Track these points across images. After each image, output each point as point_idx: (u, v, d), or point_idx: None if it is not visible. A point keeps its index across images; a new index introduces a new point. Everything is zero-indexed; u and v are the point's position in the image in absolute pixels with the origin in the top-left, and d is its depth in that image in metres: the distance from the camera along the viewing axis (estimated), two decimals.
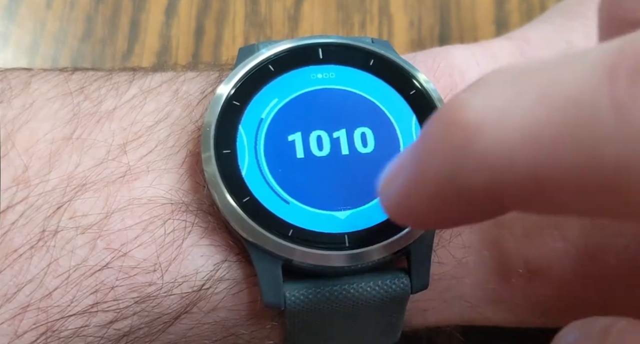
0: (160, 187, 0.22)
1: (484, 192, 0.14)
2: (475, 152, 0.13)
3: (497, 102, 0.13)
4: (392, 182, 0.16)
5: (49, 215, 0.21)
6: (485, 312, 0.26)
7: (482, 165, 0.13)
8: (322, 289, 0.22)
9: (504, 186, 0.13)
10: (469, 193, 0.14)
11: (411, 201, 0.15)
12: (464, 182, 0.14)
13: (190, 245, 0.22)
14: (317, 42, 0.24)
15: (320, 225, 0.22)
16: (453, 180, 0.14)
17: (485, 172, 0.13)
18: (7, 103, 0.23)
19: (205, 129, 0.22)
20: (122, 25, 0.37)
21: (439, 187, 0.14)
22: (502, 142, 0.13)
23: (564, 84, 0.12)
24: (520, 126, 0.13)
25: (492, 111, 0.13)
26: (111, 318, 0.21)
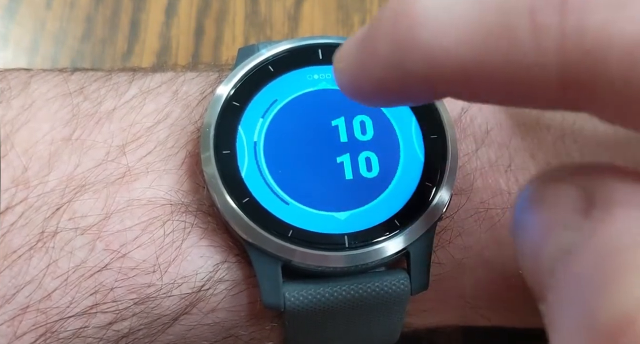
0: (160, 188, 0.22)
1: (421, 78, 0.15)
2: (416, 42, 0.15)
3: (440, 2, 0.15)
4: (344, 59, 0.17)
5: (48, 216, 0.21)
6: (485, 312, 0.26)
7: (421, 54, 0.15)
8: (321, 290, 0.22)
9: (439, 75, 0.15)
10: (408, 78, 0.15)
11: (360, 81, 0.17)
12: (405, 68, 0.15)
13: (190, 246, 0.22)
14: (317, 43, 0.24)
15: (319, 226, 0.22)
16: (396, 65, 0.15)
17: (423, 61, 0.15)
18: (6, 103, 0.23)
19: (205, 129, 0.22)
20: (122, 25, 0.37)
21: (383, 70, 0.16)
22: (441, 36, 0.14)
23: None
24: (456, 24, 0.14)
25: (435, 6, 0.15)
26: (110, 319, 0.21)
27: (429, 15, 0.15)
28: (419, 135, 0.23)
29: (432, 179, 0.23)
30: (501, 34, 0.14)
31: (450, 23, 0.14)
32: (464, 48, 0.14)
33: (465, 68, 0.14)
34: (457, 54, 0.14)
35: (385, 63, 0.16)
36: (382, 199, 0.22)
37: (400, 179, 0.23)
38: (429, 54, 0.15)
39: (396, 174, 0.23)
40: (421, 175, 0.23)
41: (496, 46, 0.14)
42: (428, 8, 0.15)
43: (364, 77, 0.16)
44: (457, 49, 0.14)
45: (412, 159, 0.23)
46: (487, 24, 0.14)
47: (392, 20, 0.15)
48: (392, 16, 0.15)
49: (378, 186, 0.22)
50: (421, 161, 0.23)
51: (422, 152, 0.23)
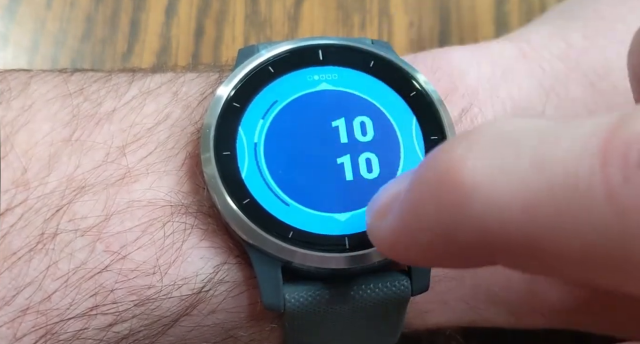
0: (160, 190, 0.22)
1: (475, 249, 0.14)
2: (469, 213, 0.14)
3: (491, 165, 0.13)
4: (382, 218, 0.16)
5: (48, 218, 0.21)
6: (486, 313, 0.26)
7: (475, 226, 0.14)
8: (322, 291, 0.22)
9: (495, 246, 0.14)
10: (460, 248, 0.14)
11: (403, 244, 0.16)
12: (456, 238, 0.14)
13: (190, 247, 0.22)
14: (317, 44, 0.24)
15: (320, 227, 0.22)
16: (446, 235, 0.14)
17: (477, 233, 0.14)
18: (6, 104, 0.22)
19: (205, 130, 0.22)
20: (122, 25, 0.37)
21: (431, 238, 0.15)
22: (496, 206, 0.13)
23: (559, 157, 0.13)
24: (514, 194, 0.13)
25: (486, 173, 0.13)
26: (110, 321, 0.21)
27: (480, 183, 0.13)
28: (420, 136, 0.23)
29: None
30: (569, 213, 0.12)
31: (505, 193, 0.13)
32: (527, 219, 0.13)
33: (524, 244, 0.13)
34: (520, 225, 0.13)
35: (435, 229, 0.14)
36: None
37: None
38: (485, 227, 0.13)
39: (397, 175, 0.23)
40: None
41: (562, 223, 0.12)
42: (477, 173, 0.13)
43: (409, 240, 0.15)
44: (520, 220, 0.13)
45: (412, 160, 0.23)
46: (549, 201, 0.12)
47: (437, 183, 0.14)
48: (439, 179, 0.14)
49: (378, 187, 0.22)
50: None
51: (422, 153, 0.23)
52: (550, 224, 0.13)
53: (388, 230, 0.16)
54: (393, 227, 0.16)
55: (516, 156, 0.13)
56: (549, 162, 0.13)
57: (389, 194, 0.16)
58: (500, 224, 0.13)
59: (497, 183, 0.13)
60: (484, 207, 0.13)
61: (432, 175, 0.15)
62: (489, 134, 0.14)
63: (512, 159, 0.13)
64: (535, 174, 0.13)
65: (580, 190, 0.12)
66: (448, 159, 0.14)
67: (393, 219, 0.16)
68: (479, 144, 0.14)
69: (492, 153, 0.14)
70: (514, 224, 0.13)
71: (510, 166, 0.13)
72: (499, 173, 0.13)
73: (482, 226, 0.13)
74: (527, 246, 0.13)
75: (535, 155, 0.13)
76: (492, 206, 0.13)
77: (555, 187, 0.13)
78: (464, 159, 0.14)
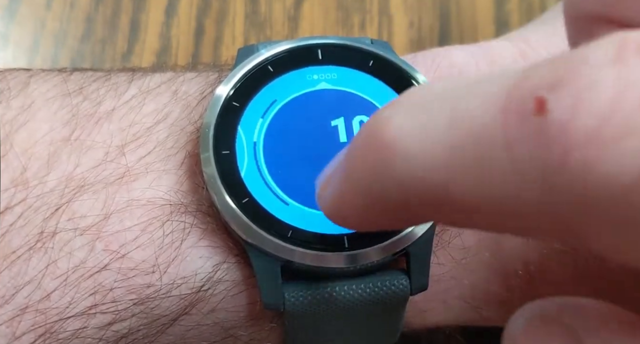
0: (159, 189, 0.22)
1: (400, 204, 0.15)
2: (391, 169, 0.14)
3: (413, 125, 0.14)
4: (325, 188, 0.17)
5: (47, 216, 0.21)
6: (485, 313, 0.26)
7: (396, 181, 0.14)
8: (321, 290, 0.22)
9: (417, 201, 0.14)
10: (391, 207, 0.15)
11: (341, 208, 0.16)
12: (385, 197, 0.15)
13: (189, 246, 0.22)
14: (316, 43, 0.24)
15: (319, 226, 0.22)
16: (373, 192, 0.15)
17: (399, 188, 0.14)
18: (5, 104, 0.22)
19: (204, 130, 0.22)
20: (122, 25, 0.37)
21: (362, 198, 0.15)
22: (414, 163, 0.14)
23: (469, 114, 0.13)
24: (432, 151, 0.14)
25: (407, 132, 0.14)
26: (110, 320, 0.21)
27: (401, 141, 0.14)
28: None
29: None
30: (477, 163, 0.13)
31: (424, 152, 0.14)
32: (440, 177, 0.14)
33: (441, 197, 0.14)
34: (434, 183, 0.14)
35: (364, 192, 0.15)
36: None
37: None
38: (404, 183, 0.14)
39: None
40: None
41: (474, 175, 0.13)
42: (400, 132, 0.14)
43: (345, 205, 0.16)
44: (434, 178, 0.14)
45: None
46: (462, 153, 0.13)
47: (366, 146, 0.15)
48: (366, 141, 0.15)
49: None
50: None
51: None
52: (462, 178, 0.13)
53: (330, 198, 0.17)
54: (333, 195, 0.16)
55: (436, 114, 0.14)
56: (460, 118, 0.13)
57: (332, 164, 0.17)
58: (421, 180, 0.14)
59: (417, 141, 0.14)
60: (405, 164, 0.14)
61: (361, 138, 0.15)
62: (416, 95, 0.15)
63: (432, 117, 0.14)
64: (449, 131, 0.13)
65: (484, 142, 0.13)
66: (375, 121, 0.15)
67: (333, 186, 0.16)
68: (405, 106, 0.15)
69: (416, 113, 0.14)
70: (432, 179, 0.14)
71: (429, 124, 0.14)
72: (419, 131, 0.14)
73: (405, 183, 0.14)
74: (445, 200, 0.14)
75: (450, 112, 0.14)
76: (413, 163, 0.14)
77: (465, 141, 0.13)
78: (389, 119, 0.15)
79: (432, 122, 0.14)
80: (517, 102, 0.13)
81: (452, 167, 0.13)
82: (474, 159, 0.13)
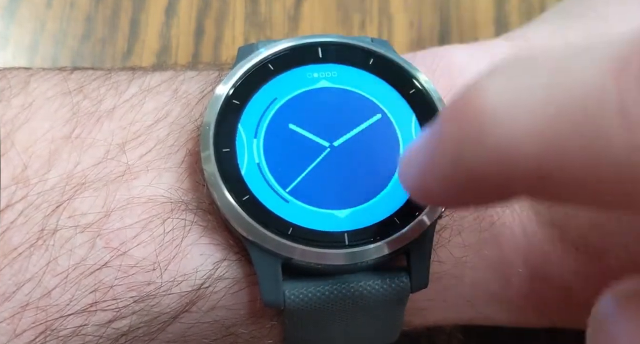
0: (160, 186, 0.22)
1: (494, 178, 0.14)
2: (486, 139, 0.14)
3: (510, 93, 0.13)
4: (410, 163, 0.16)
5: (48, 214, 0.21)
6: (485, 311, 0.26)
7: (492, 153, 0.14)
8: (321, 288, 0.22)
9: (513, 174, 0.14)
10: (480, 178, 0.14)
11: (428, 183, 0.16)
12: (474, 167, 0.14)
13: (190, 244, 0.22)
14: (316, 41, 0.24)
15: (319, 223, 0.22)
16: (465, 164, 0.14)
17: (494, 160, 0.14)
18: (6, 102, 0.23)
19: (205, 128, 0.22)
20: (122, 25, 0.37)
21: (452, 170, 0.15)
22: (512, 133, 0.13)
23: (572, 80, 0.13)
24: (530, 120, 0.13)
25: (505, 101, 0.13)
26: (110, 317, 0.21)
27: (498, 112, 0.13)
28: (419, 132, 0.23)
29: None
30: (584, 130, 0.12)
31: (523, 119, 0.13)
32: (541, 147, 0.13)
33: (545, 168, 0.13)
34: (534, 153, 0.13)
35: (455, 166, 0.14)
36: (382, 197, 0.22)
37: None
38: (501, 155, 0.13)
39: (396, 173, 0.23)
40: None
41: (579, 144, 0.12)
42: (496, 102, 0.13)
43: (432, 180, 0.15)
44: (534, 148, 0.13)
45: None
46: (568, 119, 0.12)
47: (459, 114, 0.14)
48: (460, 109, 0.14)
49: (378, 184, 0.22)
50: None
51: None
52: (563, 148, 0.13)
53: (416, 172, 0.16)
54: (421, 169, 0.16)
55: (532, 83, 0.13)
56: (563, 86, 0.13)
57: (418, 140, 0.16)
58: (515, 150, 0.13)
59: (516, 107, 0.13)
60: (499, 134, 0.13)
61: (454, 107, 0.15)
62: (514, 63, 0.14)
63: (528, 87, 0.13)
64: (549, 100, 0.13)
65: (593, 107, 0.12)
66: (470, 89, 0.14)
67: (421, 160, 0.16)
68: (501, 73, 0.14)
69: (511, 83, 0.14)
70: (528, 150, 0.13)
71: (526, 93, 0.13)
72: (518, 97, 0.13)
73: (497, 153, 0.13)
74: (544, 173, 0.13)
75: (550, 80, 0.13)
76: (508, 132, 0.13)
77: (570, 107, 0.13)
78: (486, 86, 0.14)
79: (531, 87, 0.13)
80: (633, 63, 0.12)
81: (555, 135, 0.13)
82: (580, 125, 0.12)
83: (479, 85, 0.14)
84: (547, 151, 0.13)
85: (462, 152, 0.14)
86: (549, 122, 0.13)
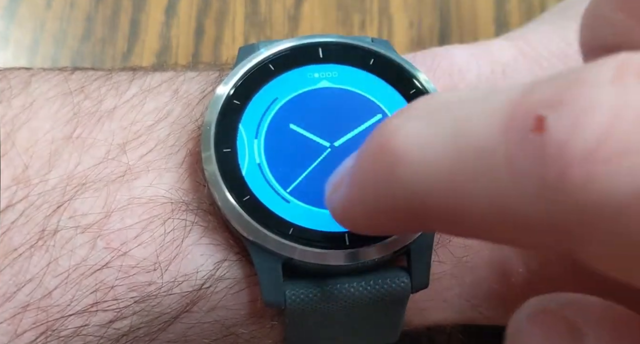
0: (160, 187, 0.22)
1: (406, 211, 0.15)
2: (398, 176, 0.15)
3: (419, 135, 0.15)
4: (335, 191, 0.17)
5: (48, 214, 0.21)
6: (486, 311, 0.26)
7: (403, 188, 0.15)
8: (322, 288, 0.22)
9: (422, 208, 0.15)
10: (394, 210, 0.15)
11: (350, 211, 0.17)
12: (389, 201, 0.15)
13: (190, 244, 0.22)
14: (317, 42, 0.24)
15: (320, 224, 0.22)
16: (381, 198, 0.15)
17: (405, 195, 0.15)
18: (7, 103, 0.23)
19: (206, 128, 0.22)
20: (122, 25, 0.37)
21: (370, 203, 0.16)
22: (420, 171, 0.14)
23: (473, 128, 0.14)
24: (435, 161, 0.14)
25: (414, 142, 0.14)
26: (111, 318, 0.21)
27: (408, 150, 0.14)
28: None
29: None
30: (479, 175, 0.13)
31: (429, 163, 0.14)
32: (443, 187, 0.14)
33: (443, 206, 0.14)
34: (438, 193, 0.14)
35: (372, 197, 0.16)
36: None
37: None
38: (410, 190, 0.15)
39: None
40: None
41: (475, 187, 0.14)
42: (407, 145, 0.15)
43: (354, 210, 0.16)
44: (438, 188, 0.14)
45: None
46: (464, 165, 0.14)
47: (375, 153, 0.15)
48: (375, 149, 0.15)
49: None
50: None
51: None
52: (464, 189, 0.14)
53: (339, 201, 0.17)
54: (342, 199, 0.17)
55: (441, 126, 0.14)
56: (465, 132, 0.14)
57: (343, 168, 0.17)
58: (426, 188, 0.14)
59: (423, 151, 0.14)
60: (412, 172, 0.14)
61: (370, 145, 0.16)
62: (423, 106, 0.15)
63: (438, 129, 0.14)
64: (453, 143, 0.14)
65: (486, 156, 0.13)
66: (384, 129, 0.15)
67: (343, 190, 0.17)
68: (412, 115, 0.15)
69: (423, 123, 0.15)
70: (435, 190, 0.14)
71: (435, 136, 0.14)
72: (425, 142, 0.14)
73: (411, 190, 0.14)
74: (448, 211, 0.14)
75: (456, 125, 0.14)
76: (419, 171, 0.14)
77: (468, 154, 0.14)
78: (398, 128, 0.15)
79: (438, 133, 0.14)
80: (517, 119, 0.13)
81: (455, 178, 0.14)
82: (476, 172, 0.13)
83: (394, 125, 0.15)
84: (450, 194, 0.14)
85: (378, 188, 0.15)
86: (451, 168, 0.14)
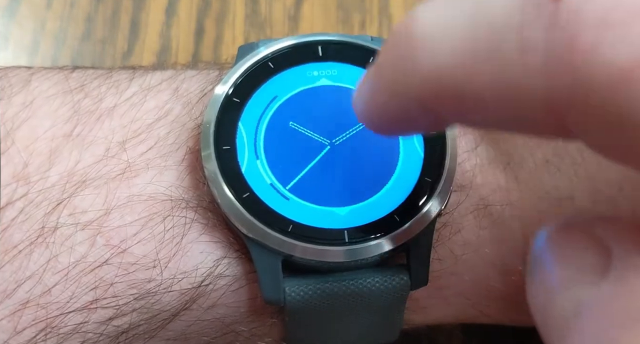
0: (160, 184, 0.22)
1: (419, 101, 0.15)
2: (415, 62, 0.14)
3: (438, 19, 0.14)
4: (360, 90, 0.17)
5: (48, 211, 0.21)
6: (485, 309, 0.26)
7: (419, 75, 0.14)
8: (322, 285, 0.22)
9: (436, 97, 0.14)
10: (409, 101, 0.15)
11: (371, 108, 0.16)
12: (405, 90, 0.15)
13: (190, 241, 0.22)
14: (317, 40, 0.24)
15: (320, 221, 0.22)
16: (398, 87, 0.15)
17: (421, 82, 0.14)
18: (7, 101, 0.23)
19: (205, 126, 0.22)
20: (122, 25, 0.37)
21: (388, 94, 0.15)
22: (436, 55, 0.14)
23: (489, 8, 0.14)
24: (451, 43, 0.14)
25: (432, 26, 0.14)
26: (110, 315, 0.21)
27: (426, 36, 0.14)
28: None
29: (432, 175, 0.23)
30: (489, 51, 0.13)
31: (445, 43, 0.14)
32: (456, 68, 0.14)
33: (457, 89, 0.14)
34: (450, 74, 0.14)
35: (390, 87, 0.15)
36: (382, 194, 0.22)
37: (400, 175, 0.23)
38: (425, 76, 0.14)
39: (396, 170, 0.23)
40: (421, 171, 0.23)
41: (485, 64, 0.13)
42: (426, 28, 0.14)
43: (372, 105, 0.16)
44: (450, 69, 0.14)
45: (411, 155, 0.23)
46: (477, 42, 0.13)
47: (395, 41, 0.15)
48: (396, 37, 0.15)
49: (378, 181, 0.22)
50: (421, 157, 0.23)
51: (421, 148, 0.23)
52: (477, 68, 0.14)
53: (362, 99, 0.17)
54: (365, 95, 0.16)
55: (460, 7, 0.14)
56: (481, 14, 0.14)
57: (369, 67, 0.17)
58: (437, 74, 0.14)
59: (440, 34, 0.14)
60: (428, 57, 0.14)
61: (392, 35, 0.15)
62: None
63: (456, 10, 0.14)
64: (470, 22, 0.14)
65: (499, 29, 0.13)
66: (409, 15, 0.15)
67: (365, 87, 0.16)
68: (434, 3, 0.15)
69: (444, 6, 0.14)
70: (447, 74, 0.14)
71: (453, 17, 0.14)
72: (443, 25, 0.14)
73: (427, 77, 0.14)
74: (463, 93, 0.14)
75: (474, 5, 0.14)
76: (435, 55, 0.14)
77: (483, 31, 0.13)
78: (418, 15, 0.15)
79: (456, 16, 0.14)
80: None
81: (470, 58, 0.14)
82: (488, 47, 0.13)
83: (414, 14, 0.15)
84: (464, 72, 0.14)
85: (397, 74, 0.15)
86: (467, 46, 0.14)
